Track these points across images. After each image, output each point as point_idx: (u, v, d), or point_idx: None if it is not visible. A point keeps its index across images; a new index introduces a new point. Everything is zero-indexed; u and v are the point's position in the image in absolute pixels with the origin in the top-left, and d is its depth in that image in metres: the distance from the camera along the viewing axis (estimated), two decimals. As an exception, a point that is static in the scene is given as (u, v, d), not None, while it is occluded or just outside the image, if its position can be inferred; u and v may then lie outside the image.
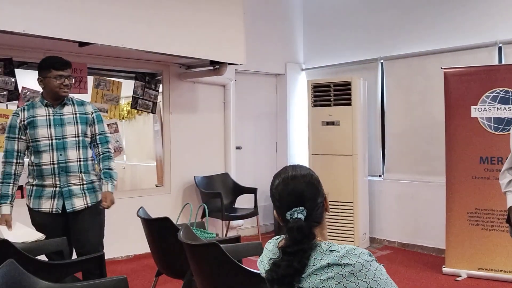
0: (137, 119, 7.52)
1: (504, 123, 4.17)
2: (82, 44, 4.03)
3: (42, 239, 2.89)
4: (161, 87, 5.53)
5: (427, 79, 5.23)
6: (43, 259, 2.76)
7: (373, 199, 5.66)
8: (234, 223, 5.79)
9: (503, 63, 4.65)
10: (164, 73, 5.45)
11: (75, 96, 3.24)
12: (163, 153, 5.57)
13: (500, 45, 4.67)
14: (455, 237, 4.37)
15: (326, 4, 6.36)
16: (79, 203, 3.04)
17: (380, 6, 5.71)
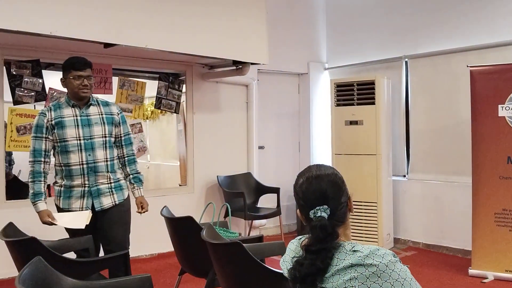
0: (161, 119, 7.59)
1: (532, 122, 4.08)
2: (107, 45, 4.09)
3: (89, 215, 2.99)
4: (184, 87, 5.57)
5: (452, 78, 5.15)
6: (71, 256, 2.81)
7: (397, 199, 5.60)
8: (256, 222, 5.80)
9: (531, 60, 4.55)
10: (187, 73, 5.49)
11: (99, 96, 3.30)
12: (186, 153, 5.61)
13: (528, 42, 4.57)
14: (481, 238, 4.29)
15: (349, 2, 6.31)
16: (107, 201, 3.09)
17: (404, 3, 5.64)
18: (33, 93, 4.50)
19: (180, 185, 6.13)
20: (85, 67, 3.01)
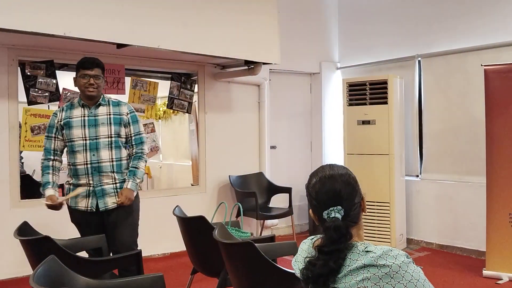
0: (173, 119, 7.63)
1: (548, 121, 4.03)
2: (119, 45, 4.12)
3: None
4: (196, 87, 5.59)
5: (466, 77, 5.10)
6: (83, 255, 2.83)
7: (410, 199, 5.56)
8: (268, 222, 5.80)
9: (547, 59, 4.48)
10: (199, 73, 5.51)
11: (112, 96, 3.32)
12: (198, 153, 5.63)
13: (544, 40, 4.51)
14: (496, 239, 4.24)
15: (361, 1, 6.28)
16: (111, 201, 3.09)
17: (417, 2, 5.59)
18: (47, 94, 4.55)
19: (192, 185, 6.15)
20: (93, 67, 3.03)
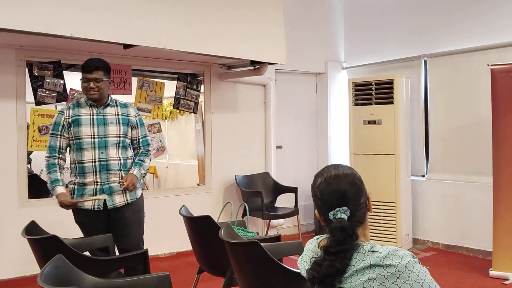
0: (179, 119, 7.66)
1: (555, 121, 4.01)
2: (126, 46, 4.13)
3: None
4: (202, 87, 5.60)
5: (473, 77, 5.08)
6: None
7: (416, 199, 5.55)
8: (274, 222, 5.80)
9: (554, 59, 4.46)
10: (205, 73, 5.52)
11: (119, 97, 3.34)
12: (204, 153, 5.64)
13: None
14: (503, 239, 4.22)
15: (367, 1, 6.27)
16: (119, 199, 3.13)
17: (422, 1, 5.58)
18: (54, 94, 4.57)
19: (198, 185, 6.17)
20: (92, 70, 3.03)
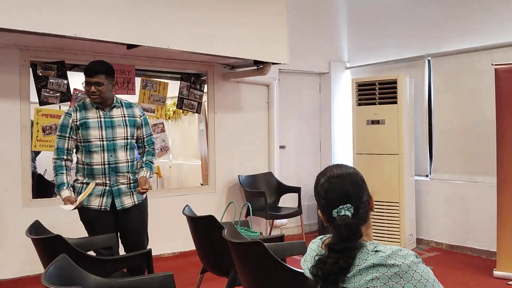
0: (183, 119, 7.66)
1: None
2: (130, 46, 4.14)
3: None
4: (206, 87, 5.61)
5: (477, 76, 5.06)
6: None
7: (420, 199, 5.54)
8: (278, 222, 5.80)
9: (559, 58, 4.44)
10: (208, 73, 5.53)
11: (123, 97, 3.35)
12: (207, 152, 5.65)
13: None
14: (507, 239, 4.21)
15: (371, 0, 6.27)
16: (127, 201, 3.18)
17: (426, 1, 5.56)
18: (58, 94, 4.59)
19: (201, 185, 6.18)
20: (93, 74, 3.03)
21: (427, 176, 5.58)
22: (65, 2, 3.59)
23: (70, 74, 4.69)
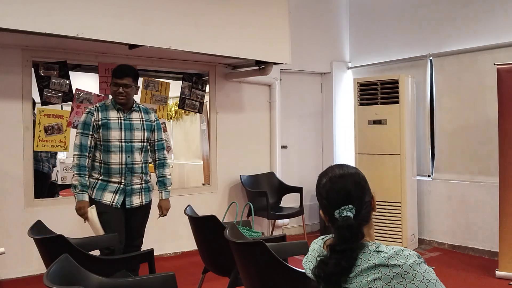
0: (185, 119, 7.67)
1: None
2: (132, 46, 4.15)
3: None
4: (207, 87, 5.61)
5: (479, 76, 5.06)
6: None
7: (422, 199, 5.53)
8: (279, 222, 5.80)
9: (561, 58, 4.44)
10: (210, 73, 5.53)
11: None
12: (209, 152, 5.65)
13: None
14: (509, 239, 4.20)
15: (372, 0, 6.26)
16: (136, 201, 3.33)
17: (428, 1, 5.56)
18: (60, 94, 4.59)
19: (203, 184, 6.18)
20: (123, 76, 3.20)
21: (429, 176, 5.57)
22: (67, 2, 3.60)
23: (72, 74, 4.70)
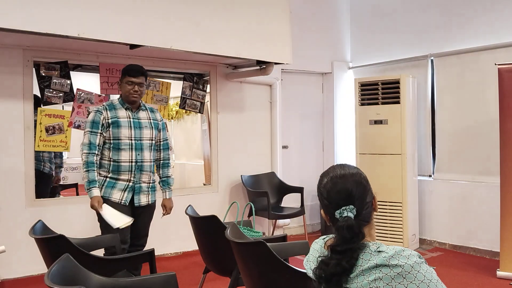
0: (185, 119, 7.67)
1: None
2: (132, 46, 4.15)
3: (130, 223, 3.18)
4: (208, 87, 5.61)
5: (480, 76, 5.05)
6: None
7: (423, 199, 5.53)
8: (280, 222, 5.80)
9: (562, 58, 4.43)
10: (211, 73, 5.53)
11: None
12: (210, 152, 5.65)
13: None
14: (510, 239, 4.20)
15: (373, 0, 6.26)
16: (144, 199, 3.38)
17: (429, 1, 5.55)
18: (61, 94, 4.59)
19: (204, 184, 6.18)
20: (138, 75, 3.30)
21: (430, 176, 5.57)
22: (68, 2, 3.60)
23: (73, 74, 4.70)
